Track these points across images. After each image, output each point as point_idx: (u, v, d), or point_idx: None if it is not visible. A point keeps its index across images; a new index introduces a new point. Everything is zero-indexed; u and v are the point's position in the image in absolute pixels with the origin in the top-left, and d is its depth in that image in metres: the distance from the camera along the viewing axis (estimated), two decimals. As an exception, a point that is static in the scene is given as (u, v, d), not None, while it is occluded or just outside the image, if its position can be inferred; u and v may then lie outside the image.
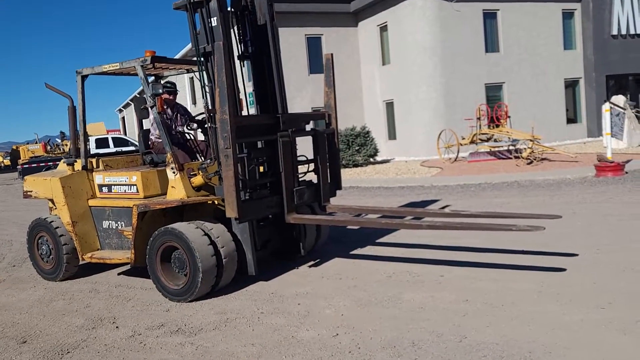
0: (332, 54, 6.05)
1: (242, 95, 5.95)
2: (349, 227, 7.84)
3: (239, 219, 4.96)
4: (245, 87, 5.96)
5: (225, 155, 4.78)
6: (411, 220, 4.80)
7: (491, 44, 19.51)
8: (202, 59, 5.37)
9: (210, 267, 4.91)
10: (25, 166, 32.83)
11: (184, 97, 29.50)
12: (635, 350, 3.28)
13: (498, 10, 19.35)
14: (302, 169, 5.92)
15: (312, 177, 5.99)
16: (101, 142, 26.66)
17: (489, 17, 19.36)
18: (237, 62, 5.90)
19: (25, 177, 6.72)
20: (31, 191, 6.54)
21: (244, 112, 6.01)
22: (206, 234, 5.01)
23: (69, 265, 6.20)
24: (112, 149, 24.31)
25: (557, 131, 20.36)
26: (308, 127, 6.23)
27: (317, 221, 5.37)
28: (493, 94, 19.50)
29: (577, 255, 5.43)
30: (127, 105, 48.10)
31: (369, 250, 6.36)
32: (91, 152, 25.92)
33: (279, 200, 5.49)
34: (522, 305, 4.14)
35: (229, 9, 5.56)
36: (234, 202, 4.82)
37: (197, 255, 4.84)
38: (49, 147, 38.79)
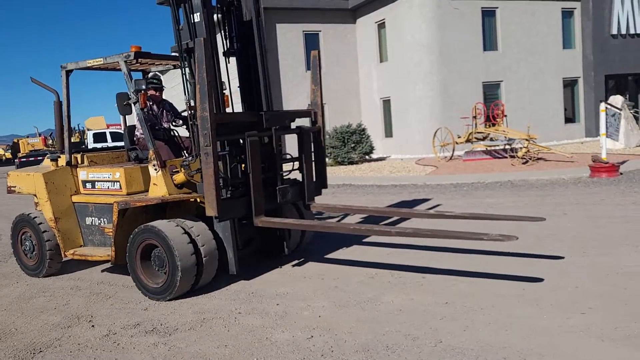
0: (318, 51, 5.98)
1: (227, 92, 5.89)
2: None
3: (219, 218, 4.91)
4: (231, 84, 5.90)
5: (205, 152, 4.72)
6: (381, 226, 4.71)
7: (489, 42, 19.42)
8: (185, 55, 5.30)
9: (190, 265, 4.85)
10: (23, 159, 32.76)
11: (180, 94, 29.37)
12: (611, 357, 3.23)
13: (497, 8, 19.24)
14: (286, 167, 5.86)
15: (299, 175, 5.93)
16: (99, 137, 26.59)
17: (488, 15, 19.25)
18: (223, 58, 5.85)
19: (9, 172, 6.67)
20: (15, 186, 6.48)
21: (229, 109, 5.94)
22: (186, 232, 4.95)
23: (52, 262, 6.15)
24: (109, 143, 24.24)
25: (555, 131, 20.27)
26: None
27: (284, 225, 5.23)
28: (491, 92, 19.42)
29: (562, 258, 5.37)
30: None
31: (354, 249, 6.30)
32: (89, 146, 25.80)
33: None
34: (501, 309, 4.09)
35: (214, 4, 5.49)
36: (214, 201, 4.76)
37: (176, 253, 4.78)
38: (49, 141, 38.71)
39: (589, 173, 10.91)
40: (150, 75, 6.81)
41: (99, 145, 22.66)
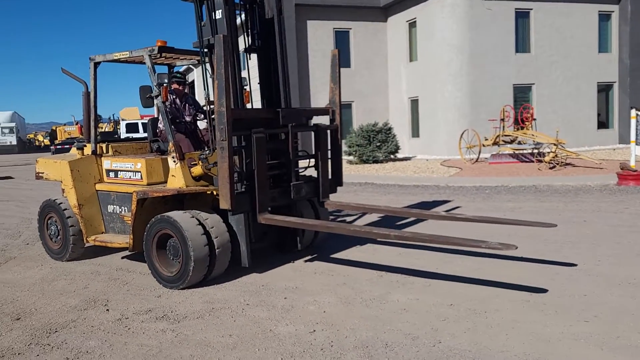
0: (338, 50, 6.04)
1: (247, 88, 6.01)
2: (353, 223, 7.85)
3: (232, 211, 5.02)
4: (252, 80, 6.01)
5: (221, 147, 4.84)
6: (380, 229, 4.69)
7: (522, 43, 19.12)
8: (206, 50, 5.43)
9: (203, 256, 4.99)
10: (58, 147, 33.65)
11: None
12: (608, 366, 3.22)
13: (531, 9, 18.94)
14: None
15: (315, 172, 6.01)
16: (131, 127, 27.24)
17: (521, 17, 18.96)
18: (244, 54, 5.97)
19: (38, 159, 6.93)
20: (42, 172, 6.74)
21: (249, 105, 6.06)
22: (201, 224, 5.09)
23: (75, 247, 6.37)
24: (141, 134, 24.78)
25: (587, 136, 19.87)
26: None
27: (285, 223, 5.24)
28: (521, 95, 19.13)
29: (575, 265, 5.32)
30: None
31: (366, 248, 6.35)
32: (121, 136, 26.39)
33: (276, 194, 5.53)
34: (505, 314, 4.09)
35: (237, 1, 5.60)
36: (228, 194, 4.88)
37: (190, 244, 4.92)
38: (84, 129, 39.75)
39: (616, 180, 10.69)
40: (175, 69, 6.99)
41: (131, 136, 23.20)
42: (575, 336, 3.64)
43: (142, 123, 27.50)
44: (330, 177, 6.03)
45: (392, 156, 18.09)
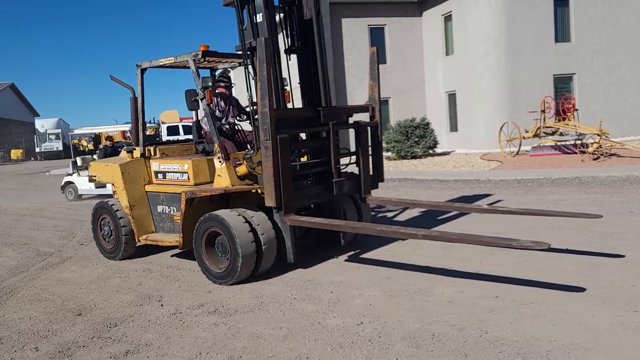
0: (377, 48, 6.11)
1: (288, 88, 6.15)
2: (394, 218, 7.91)
3: (277, 208, 5.17)
4: (292, 80, 6.14)
5: (265, 146, 4.99)
6: (407, 229, 4.65)
7: (562, 32, 18.67)
8: (248, 53, 5.60)
9: (250, 253, 5.16)
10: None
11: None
12: (659, 355, 3.21)
13: (571, -3, 18.47)
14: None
15: (356, 169, 6.10)
16: (172, 130, 27.89)
17: (560, 5, 18.52)
18: (285, 56, 6.11)
19: (91, 163, 7.26)
20: (95, 175, 7.05)
21: (290, 105, 6.20)
22: (247, 222, 5.26)
23: (127, 246, 6.65)
24: (182, 136, 25.32)
25: (632, 126, 19.24)
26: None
27: (312, 224, 5.22)
28: (562, 85, 18.70)
29: (623, 256, 5.26)
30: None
31: (409, 242, 6.40)
32: (163, 139, 27.01)
33: (319, 191, 5.65)
34: (552, 305, 4.10)
35: (276, 4, 5.75)
36: (273, 192, 5.03)
37: (237, 241, 5.09)
38: (127, 134, 40.78)
39: (664, 170, 10.40)
40: (219, 72, 7.19)
41: (172, 138, 23.76)
42: (623, 326, 3.63)
43: (183, 126, 28.12)
44: (371, 173, 6.12)
45: (430, 151, 17.99)
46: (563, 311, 3.96)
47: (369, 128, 6.06)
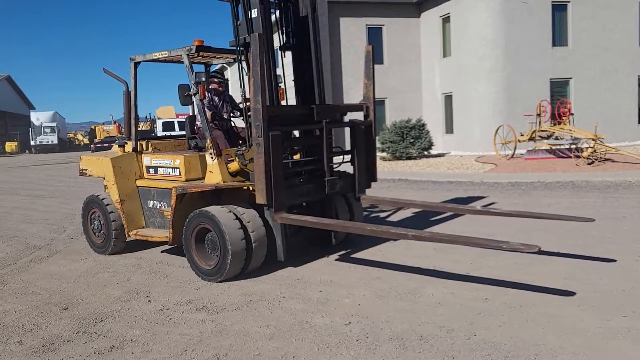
0: (372, 46, 6.09)
1: (282, 85, 6.11)
2: (387, 218, 7.89)
3: (268, 206, 5.13)
4: (287, 78, 6.10)
5: (257, 143, 4.95)
6: (397, 229, 4.61)
7: (559, 37, 18.71)
8: (242, 49, 5.55)
9: (240, 250, 5.11)
10: (98, 145, 34.52)
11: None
12: (647, 361, 3.19)
13: (569, 2, 18.51)
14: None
15: (349, 168, 6.07)
16: (168, 125, 27.85)
17: (558, 10, 18.56)
18: (279, 52, 6.07)
19: (81, 156, 7.20)
20: (86, 169, 6.99)
21: (284, 102, 6.15)
22: (238, 218, 5.21)
23: (117, 241, 6.59)
24: (177, 131, 25.28)
25: (627, 131, 19.31)
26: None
27: (303, 223, 5.18)
28: (558, 89, 18.73)
29: (614, 261, 5.25)
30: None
31: (401, 242, 6.38)
32: (158, 134, 26.99)
33: (311, 189, 5.62)
34: (542, 308, 4.08)
35: (272, 0, 5.70)
36: (264, 189, 4.99)
37: (227, 238, 5.05)
38: (122, 128, 40.74)
39: (658, 176, 10.41)
40: (213, 68, 7.14)
41: (167, 134, 23.69)
42: (612, 330, 3.61)
43: (178, 121, 28.07)
44: (364, 172, 6.08)
45: (425, 152, 17.98)
46: (552, 315, 3.94)
47: (362, 127, 6.02)
